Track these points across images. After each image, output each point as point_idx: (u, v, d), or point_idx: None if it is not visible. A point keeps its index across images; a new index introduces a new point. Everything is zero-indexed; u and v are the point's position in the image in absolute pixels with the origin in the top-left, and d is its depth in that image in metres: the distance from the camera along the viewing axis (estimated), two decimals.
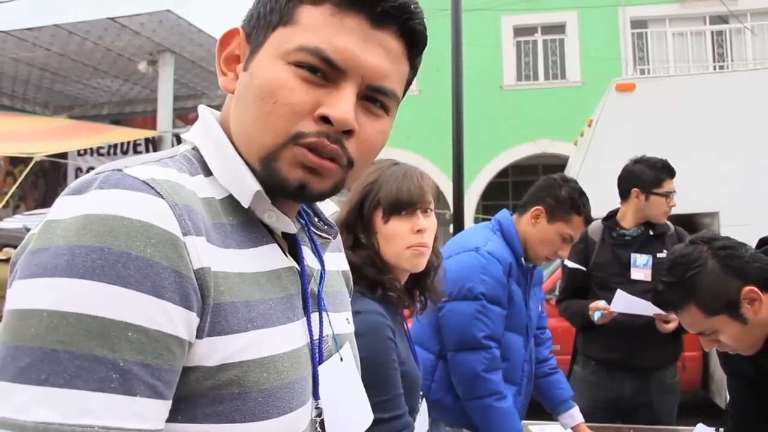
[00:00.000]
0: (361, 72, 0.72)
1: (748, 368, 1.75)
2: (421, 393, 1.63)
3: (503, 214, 2.41)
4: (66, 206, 0.62)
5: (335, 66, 0.71)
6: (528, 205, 2.38)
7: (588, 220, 2.35)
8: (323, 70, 0.71)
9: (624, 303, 2.83)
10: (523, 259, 2.35)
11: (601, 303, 2.88)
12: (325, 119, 0.70)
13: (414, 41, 0.76)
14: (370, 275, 1.53)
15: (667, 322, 2.82)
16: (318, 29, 0.71)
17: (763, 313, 1.61)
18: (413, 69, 0.80)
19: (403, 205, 1.56)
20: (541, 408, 2.60)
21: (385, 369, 1.44)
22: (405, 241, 1.55)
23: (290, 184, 0.72)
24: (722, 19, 13.80)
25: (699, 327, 1.70)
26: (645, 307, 2.76)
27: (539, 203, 2.35)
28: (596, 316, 2.86)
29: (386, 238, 1.56)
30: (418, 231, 1.55)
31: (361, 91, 0.73)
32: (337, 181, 0.75)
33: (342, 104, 0.70)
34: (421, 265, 1.58)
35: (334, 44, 0.70)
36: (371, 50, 0.72)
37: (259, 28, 0.76)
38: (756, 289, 1.60)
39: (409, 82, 0.82)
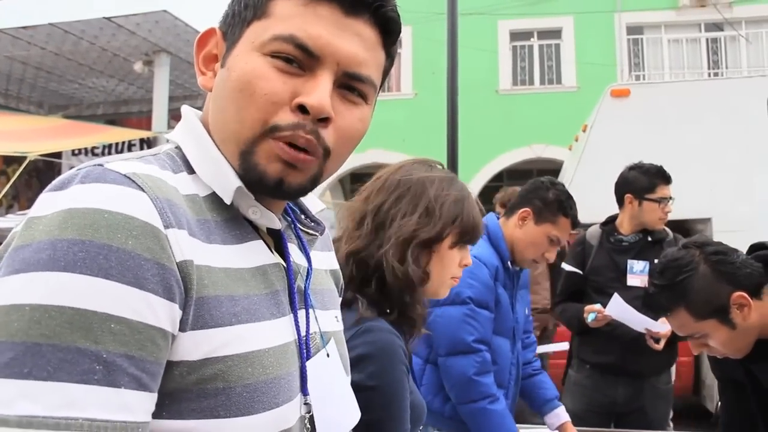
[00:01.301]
0: (336, 58, 0.72)
1: (739, 373, 1.76)
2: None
3: (490, 218, 2.41)
4: (48, 202, 0.62)
5: (310, 53, 0.71)
6: (515, 207, 2.40)
7: (575, 223, 2.37)
8: (299, 59, 0.72)
9: (619, 309, 2.83)
10: (510, 262, 2.35)
11: (597, 306, 2.89)
12: (302, 108, 0.71)
13: (388, 29, 0.77)
14: (395, 294, 1.38)
15: (657, 340, 2.83)
16: (291, 18, 0.72)
17: (752, 319, 1.62)
18: (389, 57, 0.81)
19: (474, 238, 1.52)
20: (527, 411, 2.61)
21: (398, 401, 1.29)
22: (452, 271, 1.49)
23: (268, 179, 0.73)
24: (717, 26, 13.86)
25: (688, 330, 1.71)
26: (638, 319, 2.77)
27: (526, 205, 2.37)
28: (590, 318, 2.86)
29: (443, 265, 1.46)
30: (465, 265, 1.52)
31: (338, 78, 0.73)
32: (314, 174, 0.75)
33: (318, 92, 0.71)
34: (444, 295, 1.53)
35: (308, 31, 0.71)
36: (346, 37, 0.73)
37: (234, 25, 0.76)
38: (745, 295, 1.61)
39: (386, 71, 0.82)
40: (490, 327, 2.21)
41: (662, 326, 2.77)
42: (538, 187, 2.41)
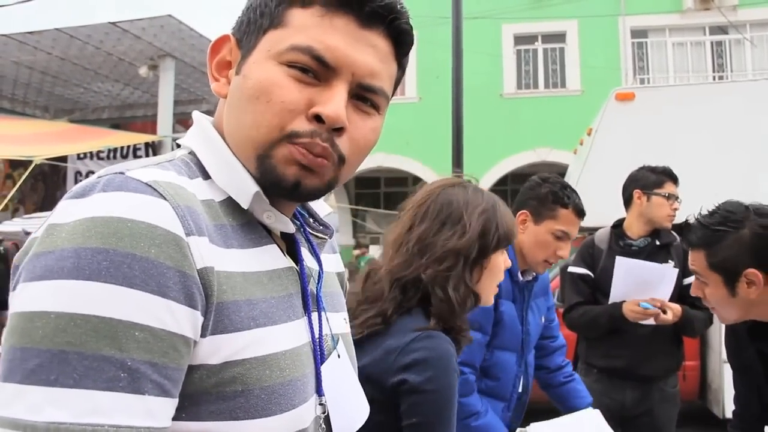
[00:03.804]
0: (351, 70, 0.74)
1: (756, 363, 1.78)
2: None
3: None
4: (70, 209, 0.63)
5: (327, 64, 0.73)
6: (513, 213, 2.34)
7: (579, 212, 2.26)
8: (315, 70, 0.73)
9: (626, 270, 2.82)
10: (520, 273, 2.26)
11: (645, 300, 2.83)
12: (317, 117, 0.72)
13: (401, 41, 0.79)
14: (445, 316, 1.44)
15: (664, 311, 2.80)
16: (308, 29, 0.73)
17: (753, 296, 1.64)
18: (401, 68, 0.83)
19: (511, 240, 1.56)
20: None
21: (450, 406, 1.36)
22: (499, 277, 1.54)
23: (286, 181, 0.74)
24: (722, 29, 13.85)
25: (696, 269, 1.75)
26: (647, 275, 2.77)
27: (523, 207, 2.30)
28: (645, 306, 2.78)
29: (492, 275, 1.53)
30: (506, 266, 1.56)
31: (352, 89, 0.75)
32: (330, 179, 0.76)
33: (333, 102, 0.72)
34: (491, 302, 1.60)
35: (325, 43, 0.72)
36: (361, 49, 0.74)
37: (249, 32, 0.77)
38: (760, 275, 1.62)
39: (397, 82, 0.84)
40: (479, 350, 2.12)
41: (669, 280, 2.78)
42: (530, 187, 2.34)
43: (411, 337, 1.36)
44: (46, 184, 14.71)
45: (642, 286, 2.80)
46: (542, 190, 2.27)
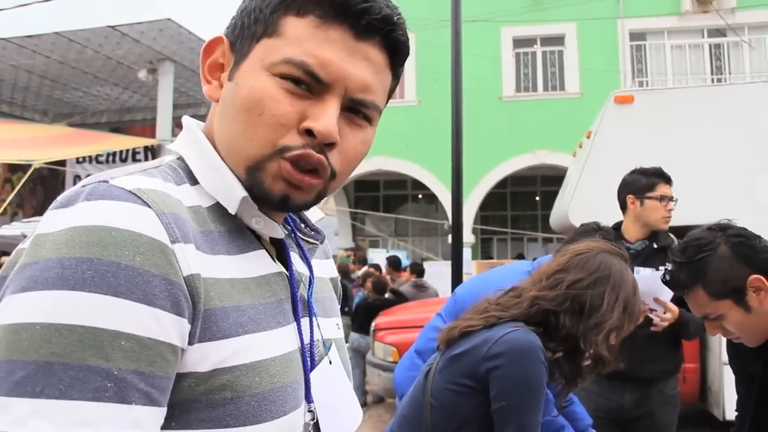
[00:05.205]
0: (344, 84, 0.72)
1: (757, 369, 1.76)
2: None
3: (546, 259, 2.40)
4: (54, 219, 0.62)
5: (320, 80, 0.71)
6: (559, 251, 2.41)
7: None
8: (308, 83, 0.72)
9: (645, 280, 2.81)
10: None
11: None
12: (309, 132, 0.71)
13: (397, 51, 0.77)
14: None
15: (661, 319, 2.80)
16: (302, 42, 0.72)
17: (766, 303, 1.62)
18: (396, 78, 0.81)
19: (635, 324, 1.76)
20: None
21: (537, 395, 1.53)
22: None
23: (273, 196, 0.73)
24: (720, 32, 13.88)
25: (704, 310, 1.71)
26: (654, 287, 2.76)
27: None
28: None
29: (609, 352, 1.70)
30: None
31: (344, 103, 0.74)
32: (319, 192, 0.76)
33: (325, 118, 0.71)
34: None
35: (320, 57, 0.71)
36: (355, 63, 0.73)
37: (243, 38, 0.76)
38: (763, 278, 1.61)
39: (391, 91, 0.82)
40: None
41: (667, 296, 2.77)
42: (584, 231, 2.49)
43: (506, 331, 1.59)
44: (45, 188, 14.71)
45: (644, 294, 2.80)
46: (596, 237, 2.39)
